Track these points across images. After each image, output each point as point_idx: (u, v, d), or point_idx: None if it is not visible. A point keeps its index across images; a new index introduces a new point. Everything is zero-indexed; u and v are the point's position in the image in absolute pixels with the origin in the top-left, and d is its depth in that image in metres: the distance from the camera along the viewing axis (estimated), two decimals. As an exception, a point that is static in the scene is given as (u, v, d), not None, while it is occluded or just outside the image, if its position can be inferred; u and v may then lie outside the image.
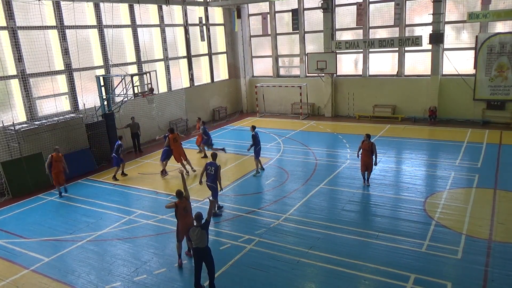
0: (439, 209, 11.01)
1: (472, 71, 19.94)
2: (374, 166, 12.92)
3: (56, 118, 15.90)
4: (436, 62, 20.39)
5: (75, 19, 16.79)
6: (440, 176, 13.45)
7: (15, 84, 15.22)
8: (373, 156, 12.65)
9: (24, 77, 15.25)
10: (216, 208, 11.59)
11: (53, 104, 16.33)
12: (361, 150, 12.86)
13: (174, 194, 9.29)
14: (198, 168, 15.38)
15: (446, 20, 20.25)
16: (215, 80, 25.43)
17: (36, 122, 15.30)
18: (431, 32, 20.01)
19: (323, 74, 23.11)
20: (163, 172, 15.21)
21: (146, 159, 17.58)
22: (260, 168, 14.85)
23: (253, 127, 14.99)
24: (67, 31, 16.63)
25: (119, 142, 15.08)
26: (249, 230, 10.49)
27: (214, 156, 11.85)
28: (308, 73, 23.95)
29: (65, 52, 16.62)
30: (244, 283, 8.36)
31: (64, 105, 16.96)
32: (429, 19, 20.11)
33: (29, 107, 15.46)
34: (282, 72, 26.09)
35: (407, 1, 20.96)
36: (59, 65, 16.61)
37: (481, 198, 11.54)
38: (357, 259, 8.85)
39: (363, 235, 9.88)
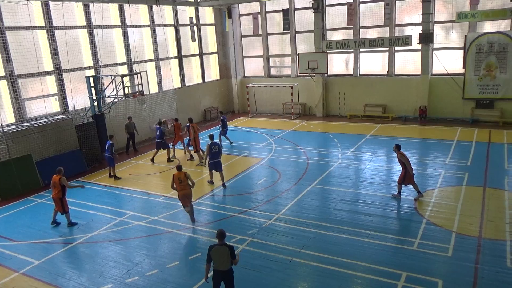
0: (429, 207, 11.11)
1: (461, 71, 20.14)
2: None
3: (46, 120, 15.75)
4: (425, 62, 20.57)
5: (64, 19, 16.64)
6: (430, 174, 13.57)
7: (3, 85, 15.05)
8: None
9: (12, 78, 15.07)
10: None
11: (43, 105, 16.19)
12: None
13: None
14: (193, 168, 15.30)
15: (435, 20, 20.44)
16: (206, 80, 25.37)
17: (25, 124, 15.14)
18: (421, 32, 20.18)
19: (314, 74, 23.18)
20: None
21: (138, 160, 17.47)
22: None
23: (221, 113, 18.60)
24: (56, 31, 16.47)
25: (111, 142, 14.99)
26: (241, 230, 10.48)
27: (212, 136, 13.80)
28: (299, 73, 24.00)
29: (54, 52, 16.47)
30: (236, 283, 8.31)
31: (53, 106, 16.80)
32: (419, 19, 20.28)
33: (17, 109, 15.29)
34: (273, 72, 26.12)
35: (397, 1, 21.11)
36: (48, 66, 16.45)
37: (470, 196, 11.67)
38: (349, 258, 8.89)
39: (355, 234, 9.93)
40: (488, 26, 19.61)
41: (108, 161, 15.14)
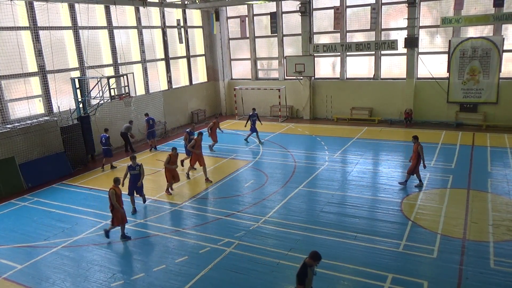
0: (415, 210, 11.23)
1: (446, 75, 20.47)
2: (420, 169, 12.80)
3: (30, 121, 15.49)
4: (411, 66, 20.85)
5: (49, 20, 16.41)
6: (416, 177, 13.70)
7: (-15, 86, 14.77)
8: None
9: (-5, 79, 14.80)
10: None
11: (26, 106, 15.91)
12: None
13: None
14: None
15: (421, 24, 20.75)
16: (193, 82, 25.28)
17: (8, 126, 14.86)
18: (406, 36, 20.46)
19: (301, 77, 23.29)
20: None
21: (123, 163, 17.29)
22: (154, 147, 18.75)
23: (146, 114, 18.97)
24: (40, 32, 16.22)
25: (107, 135, 16.13)
26: (229, 233, 10.44)
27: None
28: (286, 76, 24.10)
29: (39, 53, 16.22)
30: (224, 286, 8.31)
31: (37, 107, 16.54)
32: (404, 23, 20.56)
33: (0, 110, 14.99)
34: (260, 74, 26.16)
35: (383, 6, 21.37)
36: (33, 66, 16.19)
37: (455, 198, 11.83)
38: (336, 260, 8.92)
39: (342, 236, 9.98)
40: (472, 31, 19.99)
41: (106, 153, 16.22)
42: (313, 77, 23.49)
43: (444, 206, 11.38)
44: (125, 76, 17.27)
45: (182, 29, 23.44)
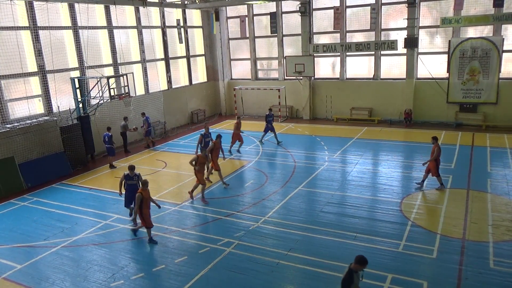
0: (414, 210, 11.23)
1: (446, 75, 20.47)
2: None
3: (29, 121, 15.48)
4: (411, 66, 20.85)
5: (49, 19, 16.40)
6: (415, 177, 13.71)
7: (-15, 86, 14.76)
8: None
9: (-5, 79, 14.80)
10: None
11: (26, 106, 15.91)
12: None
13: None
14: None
15: (420, 25, 20.74)
16: (193, 82, 25.28)
17: (8, 125, 14.85)
18: (406, 36, 20.46)
19: (301, 77, 23.29)
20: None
21: (123, 163, 17.29)
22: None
23: (143, 114, 19.10)
24: (40, 32, 16.22)
25: (110, 134, 16.21)
26: (228, 233, 10.44)
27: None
28: (286, 76, 24.10)
29: (39, 53, 16.21)
30: (223, 286, 8.31)
31: (37, 107, 16.53)
32: (404, 23, 20.56)
33: (0, 110, 14.98)
34: (260, 75, 26.16)
35: (382, 6, 21.37)
36: (32, 66, 16.18)
37: (455, 199, 11.83)
38: (336, 260, 8.92)
39: (341, 236, 9.98)
40: (472, 32, 19.99)
41: (108, 151, 16.37)
42: (313, 77, 23.48)
43: (443, 206, 11.38)
44: (124, 76, 17.26)
45: (182, 29, 23.44)
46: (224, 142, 15.18)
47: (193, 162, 12.36)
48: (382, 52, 21.74)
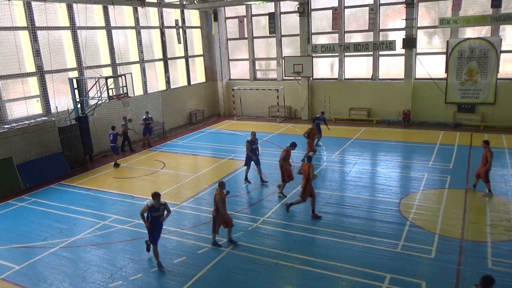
0: (413, 210, 11.24)
1: (444, 75, 20.51)
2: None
3: (27, 121, 15.45)
4: (409, 66, 20.89)
5: (47, 20, 16.38)
6: (414, 177, 13.75)
7: (-17, 86, 14.73)
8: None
9: (-7, 79, 14.77)
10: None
11: (24, 107, 15.89)
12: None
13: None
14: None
15: (419, 25, 20.78)
16: (192, 83, 25.27)
17: (6, 126, 14.82)
18: (404, 37, 20.49)
19: (299, 78, 23.30)
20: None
21: (123, 162, 17.27)
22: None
23: (147, 112, 19.23)
24: (38, 32, 16.20)
25: (114, 132, 16.50)
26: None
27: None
28: (285, 76, 24.10)
29: (37, 53, 16.19)
30: (222, 287, 8.30)
31: (35, 108, 16.50)
32: (402, 24, 20.59)
33: (-2, 110, 14.98)
34: (259, 75, 26.16)
35: (381, 6, 21.40)
36: (30, 67, 16.15)
37: (453, 199, 11.85)
38: (334, 260, 8.93)
39: (340, 237, 9.98)
40: (470, 32, 20.02)
41: (113, 150, 16.59)
42: (311, 78, 23.50)
43: (442, 206, 11.40)
44: (123, 76, 17.25)
45: (181, 30, 23.43)
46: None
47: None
48: (381, 53, 21.77)
